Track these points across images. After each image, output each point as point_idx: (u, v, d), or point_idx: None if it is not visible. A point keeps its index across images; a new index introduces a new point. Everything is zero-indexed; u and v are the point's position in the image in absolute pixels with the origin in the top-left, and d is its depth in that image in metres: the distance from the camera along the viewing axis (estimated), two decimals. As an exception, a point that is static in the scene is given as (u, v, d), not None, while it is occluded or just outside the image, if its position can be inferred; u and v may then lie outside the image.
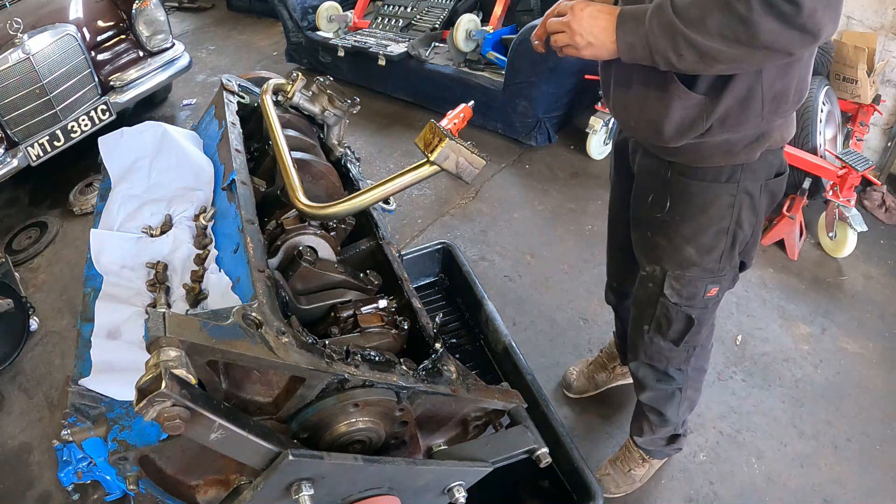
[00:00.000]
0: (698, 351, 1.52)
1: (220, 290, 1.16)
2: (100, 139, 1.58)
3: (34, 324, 2.55)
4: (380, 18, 4.19)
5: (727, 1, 0.93)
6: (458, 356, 1.39)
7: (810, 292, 2.51)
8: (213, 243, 1.30)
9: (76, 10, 3.25)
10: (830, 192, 2.54)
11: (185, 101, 4.23)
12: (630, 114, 1.24)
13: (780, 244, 2.68)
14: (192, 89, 4.38)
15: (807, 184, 2.53)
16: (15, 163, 2.96)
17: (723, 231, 1.27)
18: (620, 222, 1.63)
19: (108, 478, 1.82)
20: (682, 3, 0.98)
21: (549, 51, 1.24)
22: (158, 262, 1.30)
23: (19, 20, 2.86)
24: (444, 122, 2.16)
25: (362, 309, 1.22)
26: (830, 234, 2.63)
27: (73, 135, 3.14)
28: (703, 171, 1.23)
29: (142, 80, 3.43)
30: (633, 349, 1.58)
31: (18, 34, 2.86)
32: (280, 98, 1.61)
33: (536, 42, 1.25)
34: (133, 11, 3.37)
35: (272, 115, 1.45)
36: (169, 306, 1.21)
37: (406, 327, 1.24)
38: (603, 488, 1.81)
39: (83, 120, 3.16)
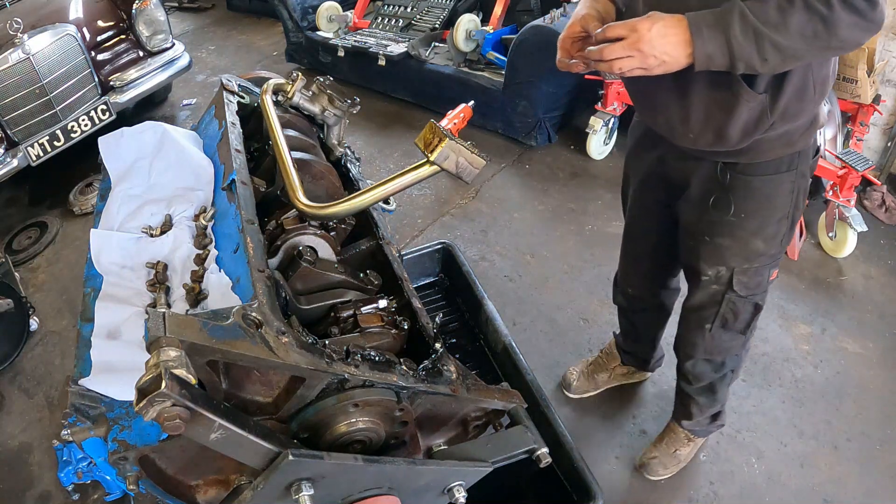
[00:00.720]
0: (754, 332, 1.57)
1: (220, 290, 1.16)
2: (100, 139, 1.58)
3: (34, 324, 2.55)
4: (380, 18, 4.19)
5: (807, 1, 0.95)
6: (458, 356, 1.39)
7: (810, 292, 2.51)
8: (213, 243, 1.30)
9: (76, 10, 3.25)
10: (830, 192, 2.54)
11: (185, 101, 4.23)
12: (689, 125, 1.22)
13: (780, 244, 2.68)
14: (192, 89, 4.38)
15: (807, 184, 2.53)
16: (15, 163, 2.96)
17: (784, 216, 1.33)
18: (642, 235, 1.66)
19: (108, 478, 1.82)
20: (758, 7, 0.98)
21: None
22: (158, 262, 1.30)
23: (19, 20, 2.86)
24: (444, 122, 2.17)
25: (362, 309, 1.22)
26: (830, 234, 2.63)
27: (73, 135, 3.14)
28: (764, 166, 1.26)
29: (142, 80, 3.43)
30: (688, 349, 1.61)
31: (18, 34, 2.86)
32: (280, 98, 1.61)
33: (573, 61, 1.19)
34: (133, 11, 3.37)
35: (272, 115, 1.45)
36: (169, 306, 1.21)
37: (406, 327, 1.24)
38: (649, 472, 1.86)
39: (83, 120, 3.16)
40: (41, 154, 3.04)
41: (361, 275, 1.33)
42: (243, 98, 1.69)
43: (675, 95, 1.21)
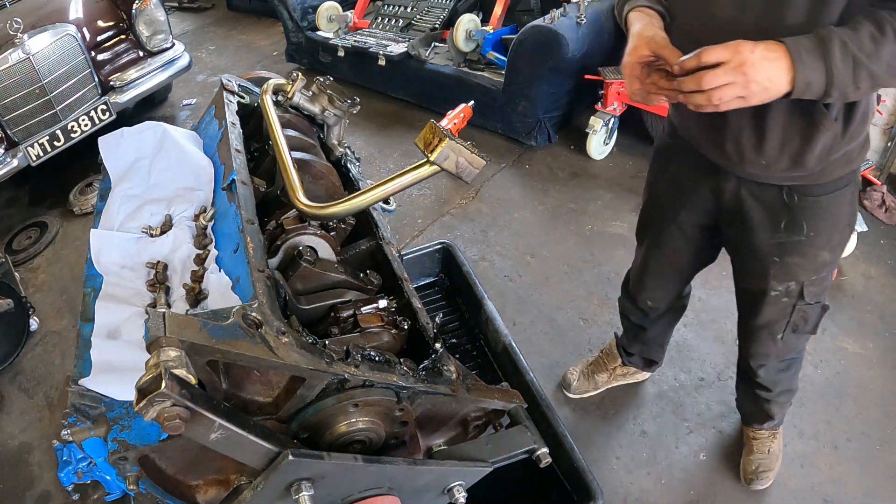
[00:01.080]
0: None
1: (220, 290, 1.16)
2: (100, 139, 1.58)
3: (34, 324, 2.55)
4: (380, 18, 4.19)
5: None
6: (458, 356, 1.39)
7: (810, 292, 2.51)
8: (213, 243, 1.30)
9: (76, 10, 3.25)
10: (830, 192, 2.53)
11: (185, 101, 4.23)
12: (763, 152, 1.21)
13: (780, 244, 2.68)
14: (192, 89, 4.38)
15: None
16: (15, 163, 2.97)
17: (846, 224, 1.36)
18: (673, 254, 1.64)
19: (108, 478, 1.83)
20: (853, 35, 0.97)
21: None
22: (158, 262, 1.30)
23: (19, 20, 2.86)
24: (444, 122, 2.17)
25: (362, 309, 1.22)
26: (830, 234, 2.63)
27: (73, 135, 3.15)
28: (827, 185, 1.27)
29: (142, 80, 3.43)
30: (759, 359, 1.63)
31: (18, 34, 2.86)
32: (280, 98, 1.61)
33: (651, 94, 1.12)
34: (133, 11, 3.37)
35: (272, 115, 1.45)
36: (169, 306, 1.21)
37: (406, 327, 1.24)
38: (761, 483, 1.85)
39: (83, 120, 3.17)
40: (41, 154, 3.04)
41: (361, 275, 1.33)
42: (243, 98, 1.69)
43: (750, 124, 1.19)
